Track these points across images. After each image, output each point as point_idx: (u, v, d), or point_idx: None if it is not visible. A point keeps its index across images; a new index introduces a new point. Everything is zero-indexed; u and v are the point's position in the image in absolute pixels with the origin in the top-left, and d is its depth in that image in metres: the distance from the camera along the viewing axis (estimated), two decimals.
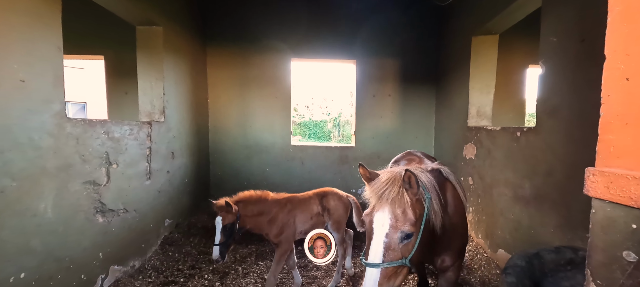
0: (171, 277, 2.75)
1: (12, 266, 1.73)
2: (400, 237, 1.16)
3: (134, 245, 2.86)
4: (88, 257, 2.30)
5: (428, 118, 4.82)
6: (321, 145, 5.03)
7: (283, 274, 2.77)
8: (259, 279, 2.72)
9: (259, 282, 2.68)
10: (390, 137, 4.82)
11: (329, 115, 14.09)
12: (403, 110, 4.79)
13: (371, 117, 4.79)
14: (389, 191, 1.21)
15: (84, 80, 10.45)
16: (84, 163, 2.25)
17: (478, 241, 3.47)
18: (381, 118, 4.79)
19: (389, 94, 4.76)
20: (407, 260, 1.16)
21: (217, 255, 2.13)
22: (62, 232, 2.06)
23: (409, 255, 1.17)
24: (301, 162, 4.84)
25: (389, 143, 4.81)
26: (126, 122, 2.76)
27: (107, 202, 2.49)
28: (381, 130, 4.82)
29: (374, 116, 4.78)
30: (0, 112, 1.66)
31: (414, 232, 1.19)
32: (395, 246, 1.15)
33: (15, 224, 1.74)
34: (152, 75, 3.36)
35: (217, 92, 4.74)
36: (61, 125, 2.05)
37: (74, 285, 2.17)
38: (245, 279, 2.73)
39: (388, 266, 1.13)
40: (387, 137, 4.83)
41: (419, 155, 2.18)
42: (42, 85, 1.91)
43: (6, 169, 1.69)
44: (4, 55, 1.67)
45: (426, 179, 1.32)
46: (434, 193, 1.30)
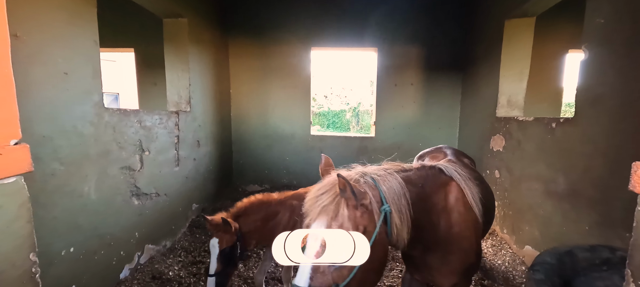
0: (199, 257, 2.94)
1: (63, 241, 1.93)
2: None
3: (165, 227, 3.07)
4: (126, 236, 2.51)
5: (453, 108, 4.62)
6: (340, 135, 5.03)
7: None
8: None
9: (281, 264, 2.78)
10: (411, 128, 4.70)
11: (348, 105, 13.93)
12: (426, 100, 4.63)
13: (392, 107, 4.68)
14: (324, 199, 0.99)
15: (116, 72, 11.11)
16: (120, 150, 2.42)
17: (503, 236, 3.35)
18: (402, 108, 4.66)
19: (411, 82, 4.60)
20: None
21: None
22: (103, 212, 2.25)
23: (342, 282, 0.91)
24: (320, 151, 4.87)
25: (411, 134, 4.69)
26: (156, 111, 2.92)
27: (141, 187, 2.68)
28: (402, 121, 4.70)
29: (395, 106, 4.67)
30: (49, 102, 1.82)
31: None
32: (325, 269, 0.91)
33: (65, 203, 1.93)
34: (178, 67, 3.50)
35: (239, 82, 4.84)
36: (100, 114, 2.21)
37: (114, 260, 2.39)
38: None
39: None
40: (409, 128, 4.70)
41: (448, 152, 2.03)
42: (82, 77, 2.06)
43: (55, 155, 1.86)
44: (50, 50, 1.82)
45: (388, 187, 1.06)
46: (397, 204, 1.05)
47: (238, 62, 4.79)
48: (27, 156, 0.82)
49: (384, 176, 1.09)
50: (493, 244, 3.27)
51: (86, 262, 2.10)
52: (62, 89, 1.90)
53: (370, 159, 4.11)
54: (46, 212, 1.78)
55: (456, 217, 1.27)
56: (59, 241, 1.90)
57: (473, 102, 4.17)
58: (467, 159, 2.04)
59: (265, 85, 4.79)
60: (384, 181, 1.08)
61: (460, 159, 1.92)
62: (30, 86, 1.68)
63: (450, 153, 2.01)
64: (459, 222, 1.28)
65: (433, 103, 4.62)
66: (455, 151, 2.10)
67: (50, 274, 1.80)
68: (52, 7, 1.84)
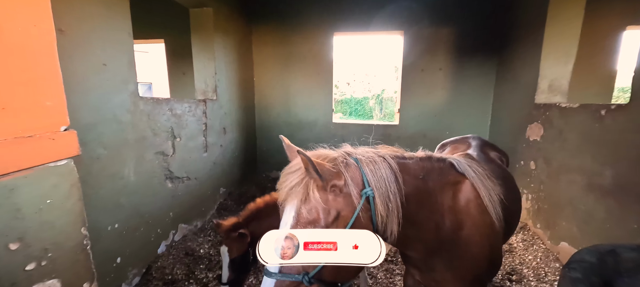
0: None
1: (109, 218, 2.15)
2: None
3: (196, 208, 3.29)
4: (162, 215, 2.73)
5: (485, 95, 4.32)
6: (363, 123, 4.95)
7: None
8: None
9: None
10: (438, 116, 4.49)
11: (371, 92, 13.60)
12: (456, 86, 4.36)
13: (418, 94, 4.48)
14: (293, 179, 0.90)
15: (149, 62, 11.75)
16: (154, 136, 2.59)
17: (536, 231, 3.15)
18: (429, 94, 4.45)
19: (439, 67, 4.35)
20: (308, 278, 0.83)
21: None
22: (141, 193, 2.46)
23: (312, 271, 0.84)
24: (342, 139, 4.82)
25: (437, 122, 4.49)
26: (186, 100, 3.07)
27: (173, 171, 2.87)
28: (428, 108, 4.50)
29: (421, 92, 4.47)
30: (91, 92, 1.98)
31: None
32: None
33: (109, 184, 2.13)
34: (205, 56, 3.62)
35: (262, 70, 4.90)
36: (136, 103, 2.37)
37: (152, 236, 2.62)
38: None
39: (283, 279, 0.84)
40: (435, 115, 4.50)
41: (473, 143, 1.87)
42: (119, 68, 2.20)
43: (99, 140, 2.04)
44: (90, 43, 1.96)
45: (373, 170, 0.95)
46: (383, 190, 0.94)
47: (261, 50, 4.84)
48: (75, 141, 0.91)
49: (371, 158, 0.98)
50: (524, 239, 3.10)
51: (128, 237, 2.32)
52: (102, 80, 2.06)
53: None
54: (94, 192, 1.98)
55: (465, 219, 1.12)
56: (105, 218, 2.11)
57: (508, 88, 3.87)
58: (495, 153, 1.86)
59: (287, 72, 4.81)
60: (371, 163, 0.97)
61: (485, 152, 1.77)
62: (74, 77, 1.83)
63: (475, 145, 1.84)
64: (469, 225, 1.13)
65: (463, 89, 4.35)
66: (483, 142, 1.92)
67: (99, 248, 2.02)
68: (90, 1, 1.97)
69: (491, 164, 1.62)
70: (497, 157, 1.81)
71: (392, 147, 1.13)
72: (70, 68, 1.81)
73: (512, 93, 3.74)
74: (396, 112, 4.76)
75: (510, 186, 1.54)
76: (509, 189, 1.47)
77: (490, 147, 1.88)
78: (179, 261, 2.67)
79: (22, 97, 0.76)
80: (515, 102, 3.65)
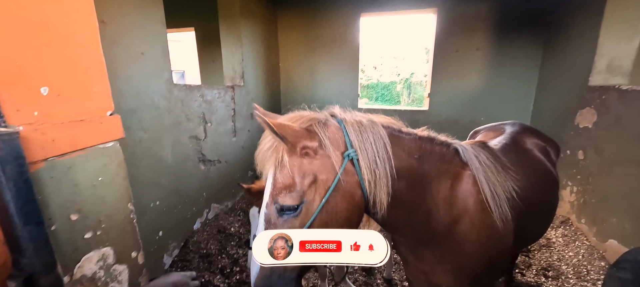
0: None
1: (151, 196, 2.35)
2: (277, 210, 0.83)
3: (226, 189, 3.48)
4: (196, 195, 2.94)
5: (528, 76, 3.91)
6: (390, 108, 4.79)
7: None
8: None
9: None
10: (473, 101, 4.18)
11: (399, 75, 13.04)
12: (495, 68, 4.01)
13: (451, 77, 4.20)
14: (264, 144, 0.87)
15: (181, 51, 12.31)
16: (188, 121, 2.75)
17: (580, 226, 2.89)
18: (464, 77, 4.15)
19: (477, 47, 4.01)
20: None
21: None
22: (178, 174, 2.65)
23: None
24: None
25: (471, 107, 4.20)
26: (215, 86, 3.20)
27: (206, 154, 3.04)
28: (462, 92, 4.21)
29: (455, 75, 4.17)
30: (131, 79, 2.13)
31: (299, 206, 0.81)
32: (276, 221, 0.83)
33: (150, 165, 2.32)
34: (232, 43, 3.70)
35: (288, 55, 4.90)
36: (171, 90, 2.51)
37: (188, 214, 2.84)
38: None
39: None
40: (469, 100, 4.20)
41: (508, 129, 1.68)
42: (155, 57, 2.34)
43: (140, 124, 2.22)
44: (128, 33, 2.09)
45: (358, 132, 0.88)
46: (369, 154, 0.86)
47: (286, 35, 4.82)
48: (120, 125, 0.99)
49: (358, 121, 0.90)
50: (565, 234, 2.87)
51: (168, 214, 2.54)
52: (141, 68, 2.20)
53: None
54: (138, 172, 2.17)
55: (462, 215, 1.02)
56: (148, 196, 2.32)
57: (557, 69, 3.47)
58: (536, 141, 1.64)
59: (313, 57, 4.76)
60: (356, 125, 0.89)
61: (519, 141, 1.56)
62: (116, 66, 1.98)
63: (510, 132, 1.64)
64: (466, 221, 1.03)
65: (503, 71, 3.99)
66: (523, 129, 1.71)
67: (143, 222, 2.24)
68: None
69: (520, 154, 1.44)
70: (537, 147, 1.60)
71: (391, 118, 1.04)
72: (111, 57, 1.95)
73: (561, 75, 3.36)
74: (426, 96, 4.53)
75: (538, 182, 1.36)
76: (535, 185, 1.30)
77: (532, 135, 1.68)
78: (212, 237, 2.88)
79: (73, 85, 0.84)
80: (564, 85, 3.28)
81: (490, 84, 4.07)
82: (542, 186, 1.40)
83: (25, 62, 0.73)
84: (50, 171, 0.79)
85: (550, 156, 1.65)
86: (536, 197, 1.28)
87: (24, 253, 0.70)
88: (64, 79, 0.81)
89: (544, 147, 1.65)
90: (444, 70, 4.20)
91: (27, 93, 0.74)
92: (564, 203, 3.15)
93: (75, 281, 0.85)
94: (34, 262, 0.71)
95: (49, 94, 0.78)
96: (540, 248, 2.72)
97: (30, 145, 0.73)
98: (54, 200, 0.80)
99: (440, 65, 4.20)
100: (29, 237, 0.70)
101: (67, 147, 0.82)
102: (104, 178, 0.93)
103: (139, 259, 1.08)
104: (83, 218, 0.87)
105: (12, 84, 0.70)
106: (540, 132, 1.77)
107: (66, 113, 0.82)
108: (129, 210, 1.04)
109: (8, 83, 0.70)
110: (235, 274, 2.45)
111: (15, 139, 0.68)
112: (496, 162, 1.10)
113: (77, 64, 0.85)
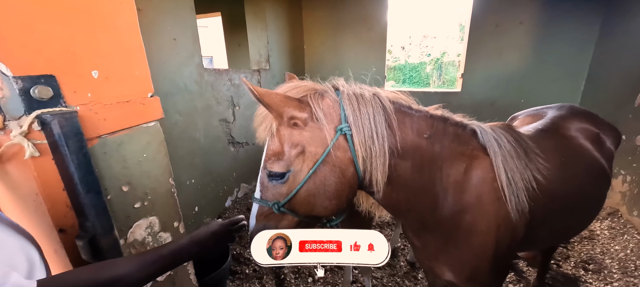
0: None
1: (187, 174, 2.54)
2: (268, 176, 0.86)
3: (254, 170, 3.64)
4: (227, 175, 3.11)
5: (580, 54, 3.47)
6: (418, 90, 4.58)
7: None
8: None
9: None
10: (512, 81, 3.84)
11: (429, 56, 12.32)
12: (540, 43, 3.60)
13: (488, 55, 3.87)
14: (258, 114, 0.90)
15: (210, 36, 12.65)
16: (218, 105, 2.87)
17: (631, 219, 2.62)
18: (502, 55, 3.81)
19: (520, 21, 3.62)
20: (278, 206, 0.85)
21: None
22: (210, 154, 2.81)
23: (282, 200, 0.85)
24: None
25: (510, 88, 3.86)
26: (242, 70, 3.27)
27: (235, 136, 3.18)
28: (500, 72, 3.87)
29: (493, 53, 3.84)
30: (166, 65, 2.25)
31: (286, 174, 0.83)
32: (268, 185, 0.88)
33: (185, 146, 2.49)
34: (258, 26, 3.72)
35: (312, 37, 4.83)
36: (201, 74, 2.62)
37: (220, 192, 3.03)
38: None
39: (261, 204, 0.89)
40: (508, 80, 3.86)
41: (550, 113, 1.50)
42: (186, 42, 2.43)
43: (175, 108, 2.36)
44: (161, 19, 2.19)
45: (356, 107, 0.83)
46: (365, 130, 0.82)
47: (311, 17, 4.73)
48: (159, 106, 1.07)
49: (359, 94, 0.86)
50: (612, 226, 2.63)
51: (202, 191, 2.73)
52: (174, 54, 2.31)
53: None
54: (175, 152, 2.34)
55: (474, 203, 0.94)
56: (184, 174, 2.51)
57: (617, 43, 3.04)
58: (585, 125, 1.43)
59: (337, 39, 4.64)
60: (356, 98, 0.84)
61: (561, 125, 1.39)
62: (151, 52, 2.10)
63: (553, 116, 1.47)
64: (476, 210, 0.95)
65: (551, 47, 3.57)
66: (571, 112, 1.50)
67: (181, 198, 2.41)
68: None
69: (557, 141, 1.28)
70: (584, 133, 1.40)
71: (401, 94, 0.99)
72: (146, 43, 2.06)
73: (622, 49, 2.94)
74: (458, 77, 4.25)
75: (576, 173, 1.21)
76: (571, 177, 1.15)
77: (581, 120, 1.46)
78: (242, 214, 3.05)
79: (118, 68, 0.91)
80: (625, 62, 2.88)
81: (534, 62, 3.69)
82: (581, 178, 1.24)
83: (77, 48, 0.80)
84: (103, 147, 0.88)
85: (604, 145, 1.43)
86: (569, 191, 1.16)
87: (87, 217, 0.80)
88: (110, 63, 0.88)
89: (596, 135, 1.44)
90: (480, 48, 3.88)
91: (81, 76, 0.81)
92: (614, 193, 2.86)
93: (129, 244, 0.96)
94: (95, 225, 0.81)
95: (98, 77, 0.86)
96: (582, 240, 2.53)
97: (85, 123, 0.81)
98: (108, 173, 0.89)
99: (477, 42, 3.88)
100: (91, 204, 0.79)
101: (116, 126, 0.91)
102: (148, 155, 1.02)
103: (180, 228, 1.19)
104: (132, 190, 0.97)
105: (68, 68, 0.78)
106: (596, 116, 1.55)
107: (114, 95, 0.90)
108: (170, 184, 1.14)
109: (65, 67, 0.77)
110: None
111: (74, 117, 0.76)
112: (519, 147, 1.00)
113: (120, 49, 0.92)
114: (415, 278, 2.23)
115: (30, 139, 0.73)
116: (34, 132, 0.74)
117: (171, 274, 1.15)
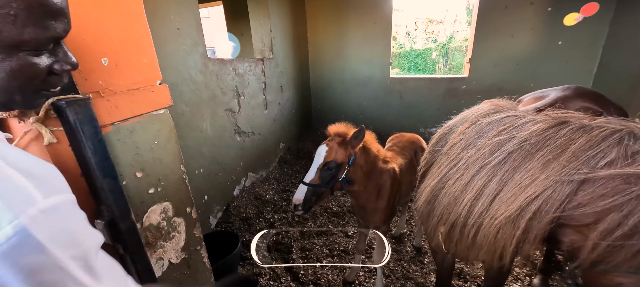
0: (287, 187, 3.46)
1: (195, 164, 2.57)
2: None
3: (260, 160, 3.67)
4: (234, 164, 3.14)
5: (593, 34, 3.35)
6: (424, 77, 4.49)
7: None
8: None
9: None
10: (522, 64, 3.74)
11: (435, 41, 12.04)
12: (551, 24, 3.48)
13: (497, 37, 3.76)
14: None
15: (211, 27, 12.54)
16: (223, 95, 2.87)
17: None
18: (512, 37, 3.70)
19: (531, 1, 3.50)
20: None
21: (300, 198, 1.40)
22: (217, 144, 2.84)
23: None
24: (400, 95, 4.56)
25: (519, 72, 3.77)
26: (246, 60, 3.25)
27: (240, 126, 3.19)
28: (510, 55, 3.77)
29: (502, 35, 3.73)
30: (170, 55, 2.25)
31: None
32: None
33: (193, 136, 2.51)
34: (260, 14, 3.66)
35: (316, 24, 4.75)
36: (206, 64, 2.61)
37: (228, 181, 3.07)
38: (345, 196, 3.12)
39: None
40: (518, 63, 3.76)
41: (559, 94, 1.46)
42: (190, 32, 2.42)
43: (182, 98, 2.37)
44: (166, 9, 2.17)
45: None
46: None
47: (314, 3, 4.63)
48: (168, 93, 1.08)
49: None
50: None
51: (211, 180, 2.77)
52: (178, 43, 2.30)
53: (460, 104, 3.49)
54: (182, 142, 2.37)
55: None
56: (193, 163, 2.54)
57: (635, 23, 2.92)
58: (589, 104, 1.38)
59: (341, 25, 4.56)
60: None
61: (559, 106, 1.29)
62: (156, 42, 2.09)
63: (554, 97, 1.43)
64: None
65: (562, 28, 3.46)
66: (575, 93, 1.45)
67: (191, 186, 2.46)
68: None
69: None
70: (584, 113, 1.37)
71: None
72: (151, 32, 2.05)
73: (638, 28, 2.83)
74: (466, 62, 4.16)
75: None
76: None
77: (584, 100, 1.42)
78: (250, 203, 3.10)
79: (127, 55, 0.92)
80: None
81: (544, 44, 3.59)
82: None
83: (87, 35, 0.80)
84: (116, 134, 0.89)
85: None
86: None
87: (104, 201, 0.83)
88: (118, 50, 0.89)
89: (600, 115, 1.42)
90: (488, 31, 3.78)
91: (92, 64, 0.82)
92: None
93: (145, 228, 0.99)
94: (113, 209, 0.83)
95: (108, 64, 0.86)
96: None
97: (98, 110, 0.83)
98: (122, 159, 0.91)
99: (486, 24, 3.77)
100: (108, 188, 0.82)
101: (127, 113, 0.92)
102: (159, 142, 1.04)
103: (192, 214, 1.21)
104: (146, 176, 0.99)
105: (79, 55, 0.79)
106: (602, 96, 1.51)
107: (124, 82, 0.91)
108: (182, 171, 1.16)
109: (76, 55, 0.78)
110: None
111: (88, 104, 0.77)
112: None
113: (128, 36, 0.92)
114: (421, 262, 2.26)
115: (47, 126, 0.74)
116: (50, 120, 0.75)
117: (186, 256, 1.19)
